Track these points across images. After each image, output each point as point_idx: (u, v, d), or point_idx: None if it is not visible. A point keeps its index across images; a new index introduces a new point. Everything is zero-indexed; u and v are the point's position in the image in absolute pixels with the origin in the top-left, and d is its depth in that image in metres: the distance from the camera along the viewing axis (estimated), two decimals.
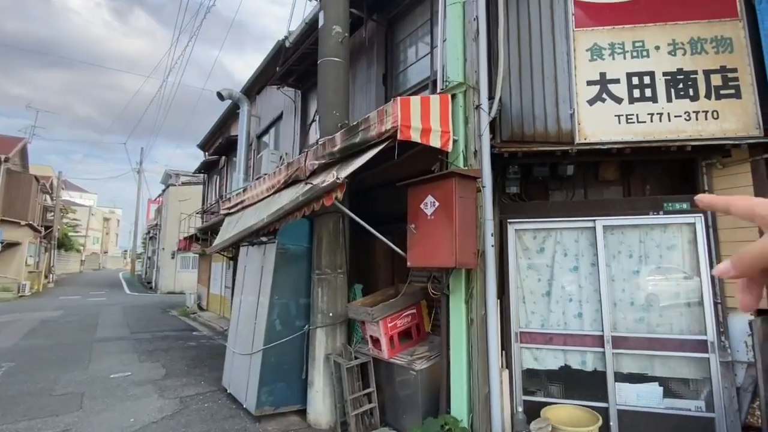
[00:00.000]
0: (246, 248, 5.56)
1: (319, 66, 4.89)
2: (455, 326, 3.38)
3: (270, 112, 11.13)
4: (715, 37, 3.38)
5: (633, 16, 3.54)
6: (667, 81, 3.39)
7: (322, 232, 4.58)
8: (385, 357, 3.91)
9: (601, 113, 3.47)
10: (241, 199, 6.75)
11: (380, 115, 3.40)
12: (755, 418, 3.21)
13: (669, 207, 3.58)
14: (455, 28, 3.68)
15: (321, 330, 4.40)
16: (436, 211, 3.25)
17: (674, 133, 3.31)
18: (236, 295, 5.56)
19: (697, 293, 3.49)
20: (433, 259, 3.25)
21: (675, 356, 3.50)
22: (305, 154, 4.67)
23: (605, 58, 3.53)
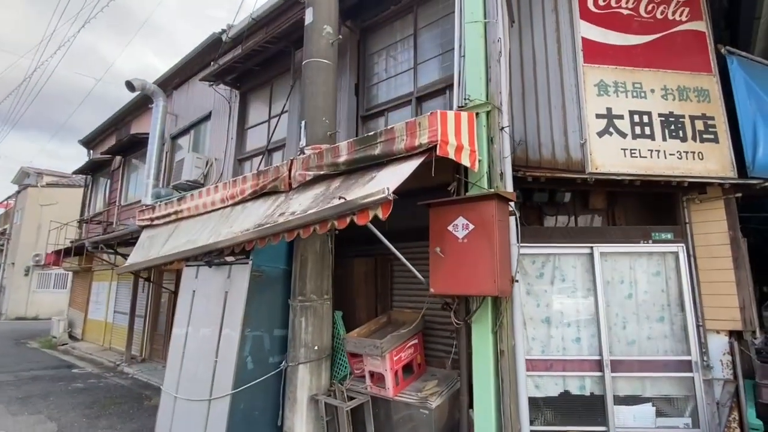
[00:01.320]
0: (194, 269, 4.68)
1: (306, 66, 4.43)
2: (481, 358, 3.19)
3: (192, 111, 9.92)
4: (696, 87, 3.88)
5: (632, 59, 3.88)
6: (661, 121, 3.76)
7: (307, 253, 4.05)
8: (390, 395, 3.53)
9: (609, 145, 3.69)
10: (174, 210, 5.77)
11: (411, 127, 3.13)
12: (731, 430, 3.60)
13: (656, 236, 3.92)
14: (476, 47, 3.61)
15: (304, 367, 3.83)
16: (471, 234, 3.07)
17: (669, 170, 3.66)
18: (179, 327, 4.61)
19: (680, 316, 3.86)
20: (467, 286, 3.04)
21: (663, 377, 3.78)
22: (288, 163, 4.13)
23: (610, 94, 3.79)
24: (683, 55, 3.93)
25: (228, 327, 3.95)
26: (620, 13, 3.97)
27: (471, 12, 3.72)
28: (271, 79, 7.81)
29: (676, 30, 3.98)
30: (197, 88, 9.87)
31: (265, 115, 7.90)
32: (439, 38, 5.21)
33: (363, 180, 3.33)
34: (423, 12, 5.47)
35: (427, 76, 5.28)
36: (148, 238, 6.26)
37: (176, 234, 5.48)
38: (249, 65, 7.66)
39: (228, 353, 3.84)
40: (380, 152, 3.30)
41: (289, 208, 3.72)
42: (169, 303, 9.06)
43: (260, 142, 7.87)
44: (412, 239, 4.50)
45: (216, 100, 9.02)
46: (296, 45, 6.89)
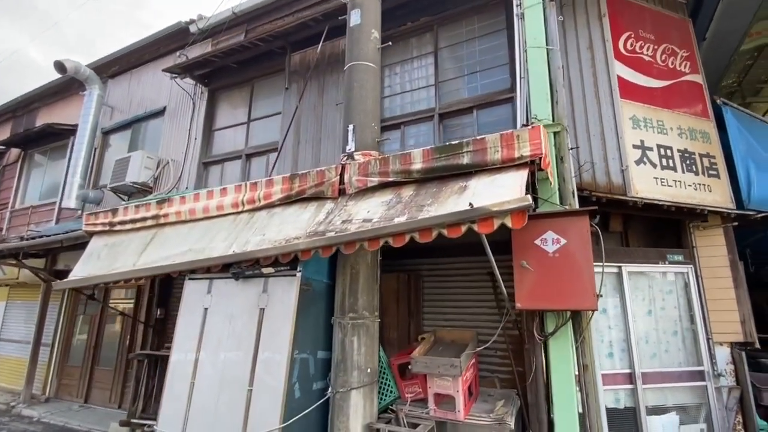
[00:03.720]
0: (205, 283, 4.05)
1: (353, 69, 4.26)
2: (561, 374, 3.25)
3: (135, 105, 8.82)
4: (700, 129, 4.58)
5: (655, 100, 4.46)
6: (680, 156, 4.35)
7: (359, 265, 3.78)
8: (461, 417, 3.39)
9: (644, 173, 4.15)
10: (152, 214, 5.04)
11: (506, 139, 3.18)
12: None
13: (671, 258, 4.45)
14: (540, 71, 3.84)
15: (357, 392, 3.51)
16: (562, 248, 3.17)
17: (689, 198, 4.23)
18: (182, 352, 3.90)
19: (691, 330, 4.38)
20: (559, 300, 3.11)
21: (681, 386, 4.23)
22: (339, 168, 3.89)
23: (642, 128, 4.29)
24: (689, 101, 4.64)
25: (268, 350, 3.47)
26: (643, 58, 4.57)
27: (533, 37, 3.96)
28: (252, 80, 7.32)
29: (682, 79, 4.70)
30: (145, 79, 8.85)
31: (241, 117, 7.35)
32: (464, 60, 5.42)
33: (450, 189, 3.26)
34: (444, 32, 5.66)
35: (451, 95, 5.42)
36: (105, 247, 5.33)
37: (160, 241, 4.75)
38: (227, 62, 7.09)
39: (271, 380, 3.35)
40: (469, 161, 3.28)
41: (354, 215, 3.47)
42: (124, 328, 7.60)
43: (233, 146, 7.27)
44: (456, 254, 4.51)
45: (173, 95, 8.15)
46: (294, 47, 6.62)
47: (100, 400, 7.43)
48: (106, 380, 7.51)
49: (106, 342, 7.85)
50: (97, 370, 7.70)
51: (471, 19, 5.49)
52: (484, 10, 5.39)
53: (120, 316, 7.82)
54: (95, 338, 7.87)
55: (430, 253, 4.66)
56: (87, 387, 7.64)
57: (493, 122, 4.99)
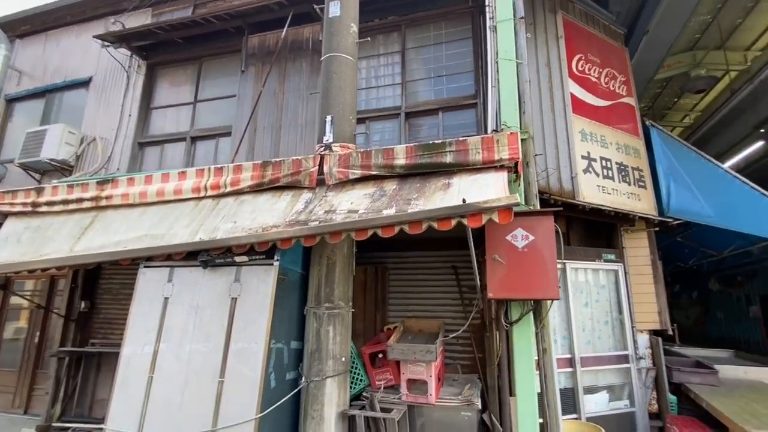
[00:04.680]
0: (165, 271, 3.84)
1: (331, 60, 4.29)
2: (523, 357, 3.62)
3: (51, 72, 7.95)
4: (633, 146, 5.33)
5: (599, 117, 5.11)
6: (617, 167, 5.04)
7: (335, 256, 3.85)
8: (432, 401, 3.63)
9: (589, 181, 4.75)
10: (91, 195, 4.68)
11: (487, 142, 3.49)
12: (653, 407, 4.91)
13: (605, 257, 5.14)
14: (509, 81, 4.20)
15: (332, 381, 3.59)
16: (530, 244, 3.54)
17: (623, 205, 4.92)
18: (136, 344, 3.65)
19: (619, 320, 5.10)
20: (527, 290, 3.47)
21: (610, 368, 4.92)
22: (317, 158, 3.93)
23: (588, 141, 4.90)
24: (625, 120, 5.38)
25: (242, 340, 3.41)
26: (590, 79, 5.21)
27: (504, 50, 4.33)
28: (201, 58, 6.97)
29: (620, 101, 5.43)
30: (66, 44, 8.00)
31: (186, 97, 6.96)
32: (431, 62, 5.71)
33: (434, 185, 3.49)
34: (411, 33, 5.90)
35: (417, 95, 5.67)
36: (27, 230, 4.83)
37: (103, 225, 4.42)
38: (173, 36, 6.68)
39: (247, 370, 3.31)
40: (452, 161, 3.54)
41: (337, 206, 3.56)
42: (32, 323, 6.72)
43: (175, 127, 6.87)
44: (420, 248, 4.76)
45: (102, 66, 7.47)
46: (252, 29, 6.44)
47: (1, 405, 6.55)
48: (7, 383, 6.63)
49: (6, 340, 6.93)
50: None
51: (438, 25, 5.80)
52: (452, 17, 5.73)
53: (25, 311, 6.98)
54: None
55: (395, 247, 4.85)
56: None
57: (457, 125, 5.33)
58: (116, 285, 6.02)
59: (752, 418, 3.64)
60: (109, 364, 5.62)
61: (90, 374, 5.65)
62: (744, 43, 9.42)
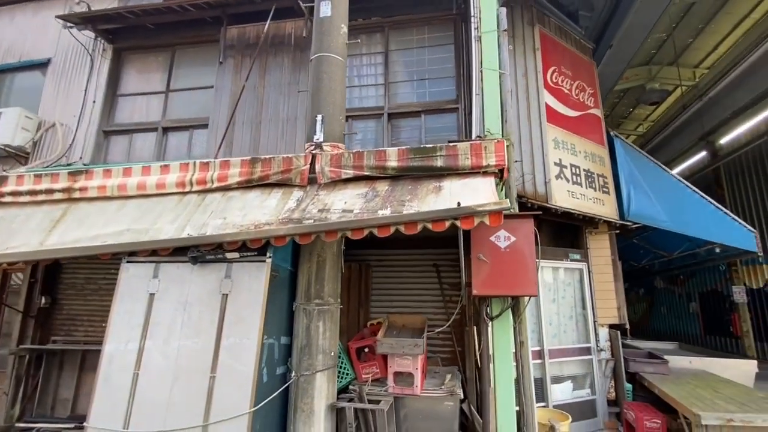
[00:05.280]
0: (150, 267, 3.81)
1: (322, 60, 4.39)
2: (502, 349, 3.92)
3: (3, 52, 7.46)
4: (598, 154, 5.80)
5: (570, 127, 5.51)
6: (585, 174, 5.48)
7: (325, 253, 3.98)
8: (418, 392, 3.87)
9: (561, 186, 5.13)
10: (62, 186, 4.58)
11: (475, 148, 3.75)
12: (611, 394, 5.41)
13: (572, 257, 5.58)
14: (492, 90, 4.47)
15: (322, 375, 3.73)
16: (512, 245, 3.84)
17: (589, 209, 5.35)
18: (119, 342, 3.60)
19: (583, 315, 5.56)
20: (509, 287, 3.77)
21: (574, 360, 5.36)
22: (308, 157, 4.04)
23: (560, 149, 5.29)
24: (592, 130, 5.84)
25: (234, 336, 3.48)
26: (563, 90, 5.61)
27: (488, 60, 4.61)
28: (174, 46, 6.81)
29: (588, 112, 5.88)
30: (20, 21, 7.56)
31: (156, 85, 6.79)
32: (414, 66, 5.92)
33: (425, 187, 3.71)
34: (395, 36, 6.08)
35: (400, 97, 5.86)
36: None
37: (76, 218, 4.34)
38: (144, 21, 6.49)
39: (239, 366, 3.38)
40: (442, 165, 3.78)
41: (330, 205, 3.70)
42: None
43: (144, 116, 6.69)
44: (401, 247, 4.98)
45: (62, 47, 7.13)
46: (230, 20, 6.37)
47: None
48: None
49: None
50: None
51: (421, 29, 6.01)
52: (435, 22, 5.95)
53: None
54: None
55: (378, 245, 5.02)
56: None
57: (439, 128, 5.58)
58: (81, 280, 5.82)
59: (698, 402, 4.15)
60: (73, 363, 5.47)
61: (52, 373, 5.45)
62: (693, 61, 10.34)
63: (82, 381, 5.37)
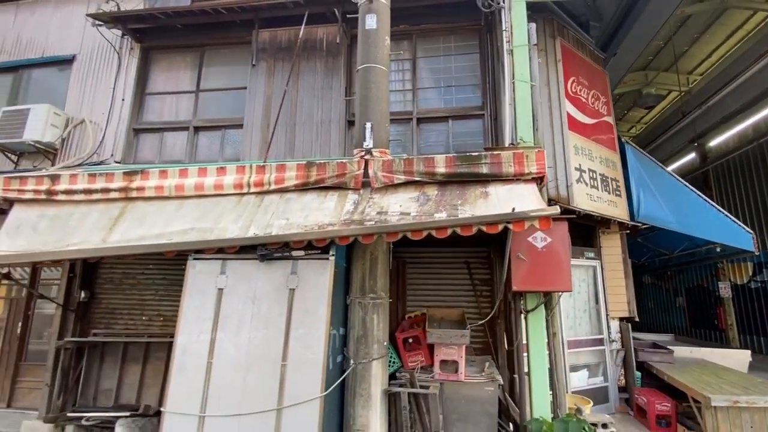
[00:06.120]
0: (217, 264, 4.11)
1: (369, 70, 4.70)
2: (536, 340, 4.36)
3: (24, 46, 7.62)
4: (611, 159, 6.28)
5: (588, 133, 5.97)
6: (601, 178, 5.95)
7: (377, 251, 4.34)
8: (462, 378, 4.28)
9: (580, 190, 5.59)
10: (118, 186, 4.80)
11: (518, 157, 4.15)
12: (621, 381, 5.94)
13: (587, 254, 6.06)
14: (524, 100, 4.87)
15: (377, 363, 4.11)
16: (548, 245, 4.27)
17: (605, 211, 5.83)
18: (191, 334, 3.90)
19: (596, 309, 6.06)
20: (546, 284, 4.20)
21: (589, 350, 5.87)
22: (361, 162, 4.38)
23: (580, 155, 5.74)
24: (606, 137, 6.31)
25: (303, 327, 3.82)
26: (581, 99, 6.06)
27: (520, 72, 5.00)
28: (203, 46, 7.01)
29: (602, 119, 6.35)
30: (42, 16, 7.64)
31: (185, 85, 7.00)
32: (441, 72, 6.28)
33: (473, 193, 4.09)
34: (422, 43, 6.42)
35: (427, 102, 6.23)
36: (43, 218, 4.87)
37: (136, 217, 4.59)
38: (174, 22, 6.67)
39: (309, 354, 3.73)
40: (488, 171, 4.17)
41: (387, 208, 4.05)
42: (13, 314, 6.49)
43: (173, 115, 6.90)
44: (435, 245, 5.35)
45: (87, 44, 7.27)
46: (261, 23, 6.61)
47: None
48: None
49: None
50: None
51: (448, 38, 6.37)
52: (461, 32, 6.32)
53: (0, 300, 6.75)
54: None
55: (412, 243, 5.40)
56: None
57: (465, 133, 5.97)
58: (119, 275, 6.04)
59: (707, 386, 4.68)
60: (114, 354, 5.70)
61: (93, 364, 5.68)
62: (688, 67, 10.97)
63: (124, 372, 5.60)
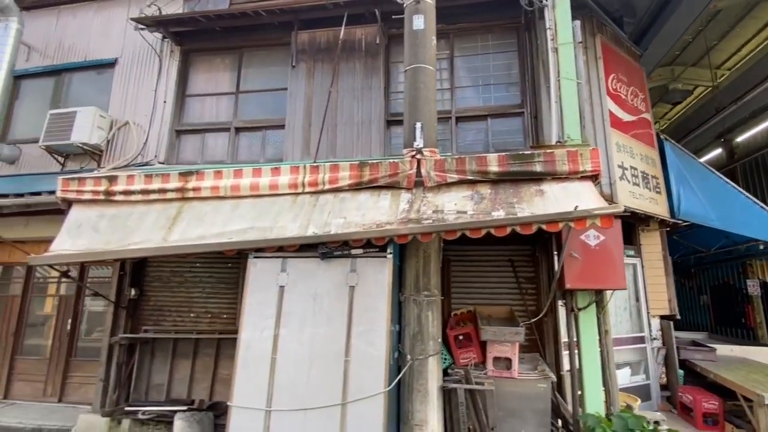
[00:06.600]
0: (277, 262, 4.18)
1: (417, 70, 4.72)
2: (588, 337, 4.38)
3: (66, 51, 7.77)
4: (651, 156, 6.23)
5: (628, 130, 5.93)
6: (642, 175, 5.91)
7: (430, 249, 4.38)
8: (515, 375, 4.30)
9: (623, 187, 5.56)
10: (175, 186, 4.91)
11: (572, 155, 4.15)
12: (662, 379, 5.91)
13: (627, 252, 6.02)
14: (571, 98, 4.89)
15: (433, 359, 4.15)
16: (601, 243, 4.28)
17: (647, 208, 5.80)
18: (254, 330, 3.99)
19: (636, 306, 6.03)
20: (600, 281, 4.22)
21: (630, 348, 5.84)
22: (413, 162, 4.41)
23: (622, 152, 5.71)
24: (645, 134, 6.26)
25: (363, 324, 3.88)
26: (621, 96, 6.02)
27: (566, 70, 5.01)
28: (241, 48, 7.08)
29: (641, 116, 6.30)
30: (84, 21, 7.78)
31: (224, 86, 7.09)
32: (479, 71, 6.28)
33: (527, 191, 4.11)
34: (459, 42, 6.42)
35: (465, 101, 6.23)
36: (102, 218, 4.99)
37: (195, 216, 4.69)
38: (214, 25, 6.75)
39: (372, 350, 3.79)
40: (541, 170, 4.17)
41: (442, 207, 4.09)
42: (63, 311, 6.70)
43: (214, 117, 6.99)
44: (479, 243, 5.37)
45: (128, 48, 7.39)
46: (301, 25, 6.65)
47: (29, 394, 6.51)
48: (36, 372, 6.60)
49: (31, 328, 6.85)
50: (19, 360, 6.70)
51: (485, 36, 6.36)
52: (498, 30, 6.31)
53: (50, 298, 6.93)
54: (15, 324, 6.78)
55: (456, 241, 5.44)
56: (6, 381, 6.60)
57: (505, 131, 5.97)
58: (166, 273, 6.16)
59: (758, 384, 4.64)
60: (165, 350, 5.82)
61: (144, 360, 5.81)
62: (716, 62, 10.78)
63: (174, 367, 5.72)
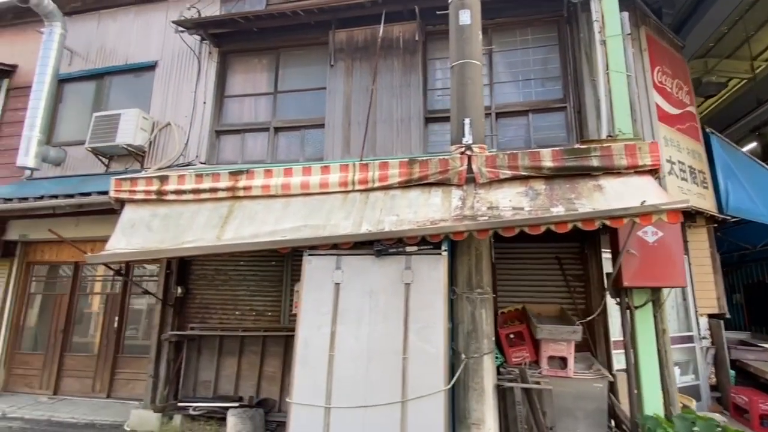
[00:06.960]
0: (332, 259, 4.17)
1: (465, 66, 4.65)
2: (645, 336, 4.26)
3: (108, 54, 7.87)
4: (697, 150, 6.05)
5: (674, 124, 5.77)
6: (689, 170, 5.74)
7: (482, 247, 4.31)
8: (571, 374, 4.22)
9: (672, 182, 5.41)
10: (225, 185, 4.94)
11: (630, 149, 4.03)
12: (712, 380, 5.74)
13: None
14: (621, 91, 4.77)
15: (488, 357, 4.08)
16: (660, 239, 4.16)
17: (696, 204, 5.62)
18: (311, 328, 3.98)
19: (683, 305, 5.87)
20: (659, 279, 4.10)
21: (678, 347, 5.68)
22: (464, 158, 4.34)
23: (669, 146, 5.55)
24: (691, 127, 6.08)
25: (419, 321, 3.84)
26: (666, 89, 5.85)
27: (615, 63, 4.88)
28: (278, 48, 7.09)
29: (686, 110, 6.13)
30: (124, 25, 7.88)
31: (262, 86, 7.12)
32: (518, 66, 6.18)
33: (584, 186, 4.01)
34: (498, 37, 6.32)
35: (505, 96, 6.14)
36: (155, 217, 5.03)
37: (246, 215, 4.69)
38: (252, 25, 6.78)
39: (430, 348, 3.76)
40: (598, 164, 4.07)
41: (496, 203, 4.02)
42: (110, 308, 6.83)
43: (252, 117, 7.03)
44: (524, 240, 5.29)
45: (167, 50, 7.47)
46: (338, 24, 6.63)
47: (77, 390, 6.65)
48: (84, 368, 6.75)
49: (78, 325, 7.00)
50: (68, 357, 6.85)
51: (524, 30, 6.26)
52: (537, 24, 6.20)
53: (96, 297, 7.07)
54: (64, 321, 6.93)
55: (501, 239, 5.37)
56: (56, 377, 6.75)
57: (546, 126, 5.86)
58: (210, 271, 6.22)
59: None
60: (211, 347, 5.88)
61: (192, 357, 5.88)
62: (753, 53, 10.43)
63: (221, 364, 5.77)
